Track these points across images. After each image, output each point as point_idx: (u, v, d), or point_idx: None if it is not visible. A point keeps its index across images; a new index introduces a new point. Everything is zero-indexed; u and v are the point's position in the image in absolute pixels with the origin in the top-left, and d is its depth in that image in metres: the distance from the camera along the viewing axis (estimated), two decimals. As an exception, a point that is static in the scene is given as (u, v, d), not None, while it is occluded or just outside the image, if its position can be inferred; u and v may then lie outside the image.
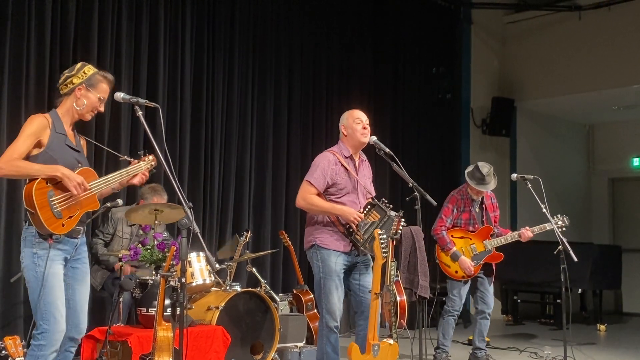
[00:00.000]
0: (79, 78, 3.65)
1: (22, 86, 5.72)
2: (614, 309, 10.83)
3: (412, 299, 5.92)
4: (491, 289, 6.04)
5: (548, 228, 5.86)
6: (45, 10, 5.84)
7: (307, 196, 4.52)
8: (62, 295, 3.53)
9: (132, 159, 3.77)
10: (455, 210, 5.96)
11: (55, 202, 3.46)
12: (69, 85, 3.66)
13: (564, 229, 5.79)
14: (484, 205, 6.05)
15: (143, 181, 3.79)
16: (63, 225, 3.48)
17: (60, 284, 3.53)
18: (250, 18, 7.55)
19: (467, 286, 5.96)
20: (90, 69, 3.71)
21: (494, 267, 6.06)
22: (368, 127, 4.66)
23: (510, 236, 5.94)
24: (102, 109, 3.73)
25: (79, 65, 3.73)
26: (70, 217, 3.52)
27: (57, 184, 3.47)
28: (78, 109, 3.66)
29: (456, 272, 5.90)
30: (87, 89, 3.64)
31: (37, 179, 3.43)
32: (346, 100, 7.88)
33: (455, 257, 5.86)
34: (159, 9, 6.69)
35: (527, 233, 5.90)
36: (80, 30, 6.09)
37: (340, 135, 4.72)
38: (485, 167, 5.91)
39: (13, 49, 5.68)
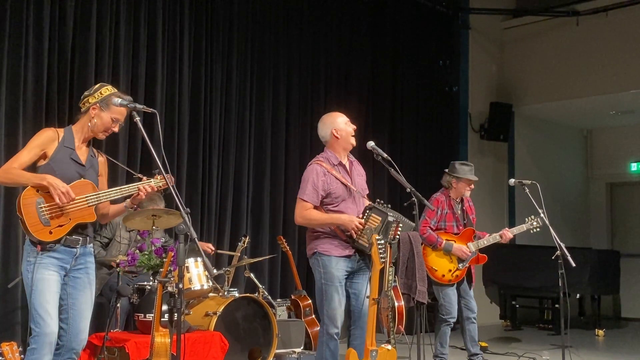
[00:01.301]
0: (95, 98, 3.73)
1: (20, 91, 5.72)
2: (612, 314, 10.83)
3: (410, 304, 5.90)
4: (472, 293, 6.04)
5: (525, 228, 5.93)
6: (43, 15, 5.84)
7: (304, 212, 4.50)
8: (53, 300, 3.55)
9: (143, 177, 3.80)
10: (439, 212, 5.96)
11: (44, 209, 3.52)
12: (85, 104, 3.75)
13: (538, 229, 5.82)
14: (464, 208, 6.07)
15: (145, 194, 3.76)
16: (50, 232, 3.53)
17: (50, 289, 3.54)
18: (248, 24, 7.56)
19: (455, 289, 5.94)
20: (107, 90, 3.76)
21: (472, 272, 6.06)
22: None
23: (492, 237, 5.95)
24: (116, 129, 3.79)
25: (97, 85, 3.81)
26: (60, 225, 3.56)
27: (48, 192, 3.52)
28: (91, 127, 3.73)
29: (443, 275, 5.89)
30: (101, 109, 3.71)
31: (28, 186, 3.52)
32: (344, 106, 7.82)
33: (448, 248, 5.84)
34: (157, 15, 6.70)
35: (507, 234, 5.93)
36: (78, 35, 6.10)
37: (330, 140, 4.63)
38: (463, 161, 6.07)
39: (10, 53, 5.69)
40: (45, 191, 3.52)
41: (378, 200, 4.51)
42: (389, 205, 4.49)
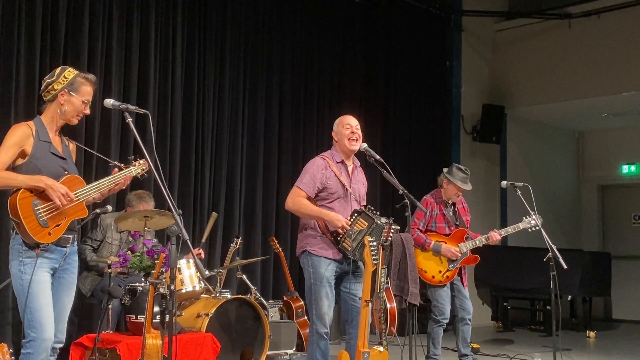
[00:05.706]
0: (60, 83, 3.57)
1: (12, 93, 5.71)
2: (603, 315, 10.87)
3: (402, 306, 5.90)
4: (467, 293, 6.04)
5: (522, 227, 5.88)
6: (35, 16, 5.82)
7: (297, 199, 4.54)
8: (49, 303, 3.49)
9: (121, 165, 3.73)
10: (428, 214, 5.96)
11: (41, 210, 3.44)
12: (50, 92, 3.59)
13: (536, 228, 5.79)
14: (456, 209, 6.07)
15: (122, 187, 3.73)
16: (50, 234, 3.46)
17: (46, 291, 3.49)
18: (241, 25, 7.55)
19: (448, 290, 5.94)
20: (70, 72, 3.62)
21: (464, 273, 6.05)
22: (358, 132, 4.67)
23: (484, 238, 5.95)
24: (87, 111, 3.67)
25: (58, 70, 3.64)
26: (57, 225, 3.49)
27: (41, 192, 3.44)
28: (62, 115, 3.61)
29: (433, 277, 5.89)
30: (70, 94, 3.57)
31: (21, 188, 3.41)
32: (337, 108, 7.88)
33: (437, 249, 5.83)
34: (150, 15, 6.68)
35: (495, 235, 5.91)
36: (70, 36, 6.08)
37: (333, 141, 4.75)
38: (462, 167, 5.99)
39: (2, 54, 5.67)
40: (39, 191, 3.44)
41: (369, 206, 4.52)
42: (378, 213, 4.49)
